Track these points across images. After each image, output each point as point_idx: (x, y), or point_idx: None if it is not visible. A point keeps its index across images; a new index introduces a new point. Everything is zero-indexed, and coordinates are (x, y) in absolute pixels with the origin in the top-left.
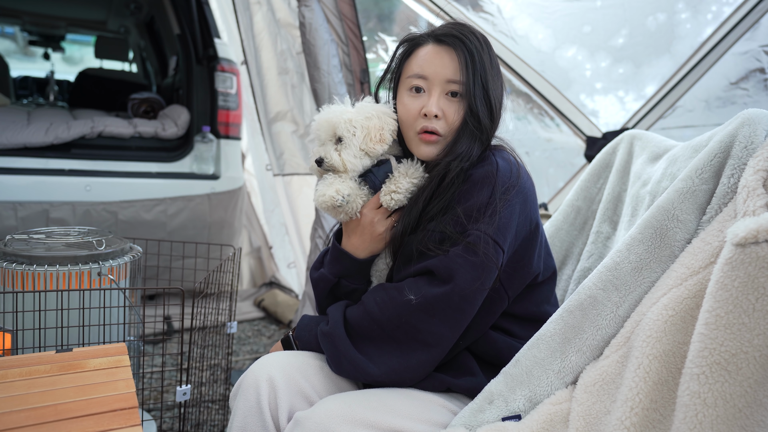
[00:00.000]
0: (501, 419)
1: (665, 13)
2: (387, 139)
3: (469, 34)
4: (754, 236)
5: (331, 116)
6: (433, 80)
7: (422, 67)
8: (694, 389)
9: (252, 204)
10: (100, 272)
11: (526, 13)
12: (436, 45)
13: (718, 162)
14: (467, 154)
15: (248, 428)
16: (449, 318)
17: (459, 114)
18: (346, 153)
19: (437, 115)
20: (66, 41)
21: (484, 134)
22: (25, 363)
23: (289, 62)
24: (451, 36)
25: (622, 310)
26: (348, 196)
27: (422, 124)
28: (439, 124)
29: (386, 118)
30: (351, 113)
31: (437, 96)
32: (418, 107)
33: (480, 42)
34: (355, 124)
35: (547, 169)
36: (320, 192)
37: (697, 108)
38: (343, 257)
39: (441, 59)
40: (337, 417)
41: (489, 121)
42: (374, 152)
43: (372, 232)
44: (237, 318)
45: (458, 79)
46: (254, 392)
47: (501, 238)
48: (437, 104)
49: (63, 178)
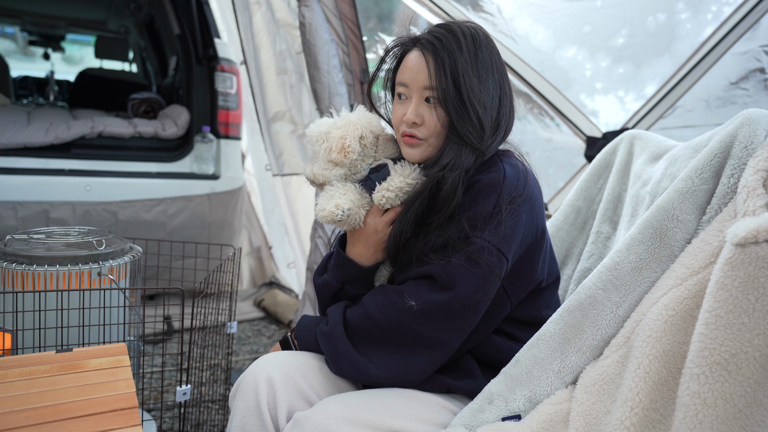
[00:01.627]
0: (501, 419)
1: (665, 13)
2: (352, 147)
3: (448, 37)
4: (754, 236)
5: (310, 130)
6: (412, 87)
7: (404, 74)
8: (694, 389)
9: (252, 204)
10: (100, 272)
11: (526, 13)
12: (418, 51)
13: (718, 162)
14: (455, 163)
15: (247, 428)
16: (451, 324)
17: (436, 119)
18: (316, 166)
19: (416, 122)
20: (66, 41)
21: (469, 140)
22: (25, 363)
23: (288, 62)
24: (427, 41)
25: (622, 310)
26: (348, 210)
27: (404, 129)
28: (420, 130)
29: (352, 126)
30: (327, 125)
31: (416, 103)
32: (401, 114)
33: (462, 43)
34: (324, 136)
35: (547, 169)
36: (320, 206)
37: (697, 108)
38: (347, 265)
39: (418, 66)
40: (336, 417)
41: (471, 126)
42: (340, 162)
43: (376, 240)
44: (237, 318)
45: (430, 85)
46: (253, 392)
47: (505, 247)
48: (415, 111)
49: (63, 178)
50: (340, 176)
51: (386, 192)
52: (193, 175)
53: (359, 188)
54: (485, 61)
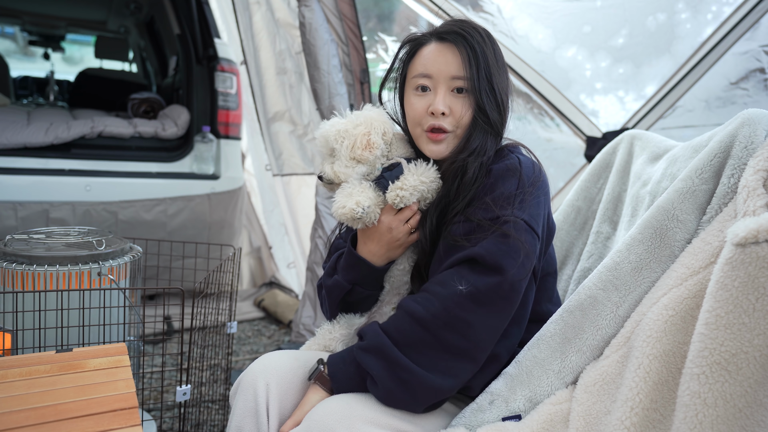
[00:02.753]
0: (501, 419)
1: (665, 13)
2: (376, 143)
3: (471, 30)
4: (754, 236)
5: (324, 130)
6: (438, 78)
7: (426, 66)
8: (695, 389)
9: (252, 204)
10: (100, 272)
11: (526, 13)
12: (439, 43)
13: (718, 162)
14: (482, 148)
15: (244, 429)
16: (498, 309)
17: (466, 109)
18: (337, 164)
19: (444, 112)
20: (66, 41)
21: (495, 128)
22: (25, 363)
23: (288, 62)
24: (453, 33)
25: (622, 310)
26: (368, 207)
27: (429, 122)
28: (447, 120)
29: (374, 123)
30: (342, 123)
31: (443, 93)
32: (424, 106)
33: (482, 37)
34: (343, 134)
35: (547, 169)
36: (340, 203)
37: (697, 108)
38: (359, 264)
39: (444, 56)
40: (337, 415)
41: (497, 114)
42: (365, 159)
43: (390, 239)
44: (237, 318)
45: (462, 74)
46: (252, 393)
47: (534, 224)
48: (443, 101)
49: (63, 178)
50: (362, 174)
51: (400, 191)
52: (193, 175)
53: (374, 186)
54: (499, 54)
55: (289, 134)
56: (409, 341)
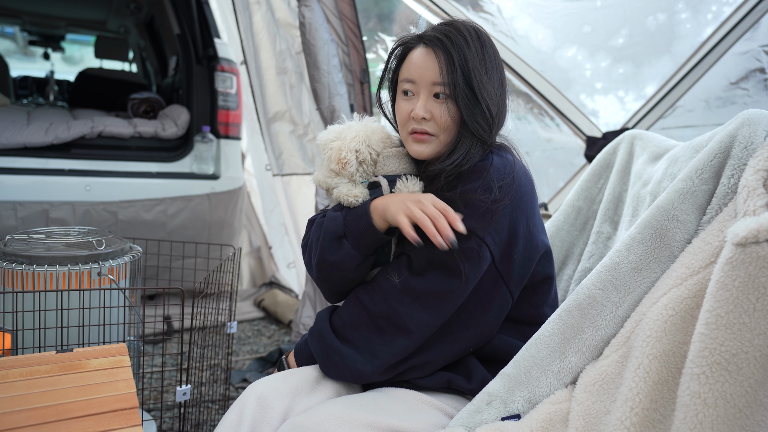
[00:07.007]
0: (500, 419)
1: (665, 13)
2: (348, 160)
3: (455, 33)
4: (754, 236)
5: (319, 137)
6: (420, 83)
7: (410, 70)
8: (695, 389)
9: (252, 204)
10: (100, 272)
11: (526, 13)
12: (424, 48)
13: (718, 162)
14: (466, 157)
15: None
16: (430, 305)
17: (447, 114)
18: (320, 173)
19: (425, 117)
20: (66, 41)
21: (478, 134)
22: (25, 363)
23: (288, 62)
24: (435, 38)
25: (621, 310)
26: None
27: (412, 126)
28: (429, 125)
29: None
30: (332, 133)
31: (424, 98)
32: (408, 110)
33: (469, 40)
34: (323, 146)
35: (547, 169)
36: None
37: (697, 108)
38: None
39: (426, 62)
40: (334, 418)
41: (483, 120)
42: (341, 173)
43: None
44: (237, 318)
45: (440, 80)
46: (239, 406)
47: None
48: (424, 107)
49: (63, 178)
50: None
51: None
52: (193, 175)
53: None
54: (490, 56)
55: (290, 134)
56: (353, 322)
